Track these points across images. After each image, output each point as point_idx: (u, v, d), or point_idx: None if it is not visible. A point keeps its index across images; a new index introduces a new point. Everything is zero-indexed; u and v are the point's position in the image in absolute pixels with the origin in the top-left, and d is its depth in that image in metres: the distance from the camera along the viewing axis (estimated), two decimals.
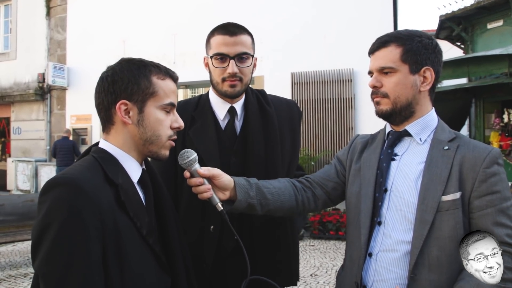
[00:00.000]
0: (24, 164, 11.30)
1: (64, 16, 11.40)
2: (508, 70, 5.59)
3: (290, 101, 1.95)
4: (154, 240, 1.18)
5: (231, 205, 1.46)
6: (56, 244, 0.99)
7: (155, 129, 1.21)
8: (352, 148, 1.60)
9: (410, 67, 1.36)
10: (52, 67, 10.78)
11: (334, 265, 5.66)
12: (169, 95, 1.23)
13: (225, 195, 1.44)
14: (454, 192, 1.28)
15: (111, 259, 1.05)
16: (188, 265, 1.35)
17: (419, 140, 1.39)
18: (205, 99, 1.81)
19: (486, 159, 1.28)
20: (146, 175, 1.27)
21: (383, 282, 1.35)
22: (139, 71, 1.19)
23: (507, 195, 1.28)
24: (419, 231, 1.28)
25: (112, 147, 1.20)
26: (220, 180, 1.42)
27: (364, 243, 1.40)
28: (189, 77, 9.46)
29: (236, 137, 1.76)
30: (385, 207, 1.39)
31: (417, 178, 1.34)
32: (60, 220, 0.99)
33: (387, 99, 1.39)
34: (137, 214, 1.14)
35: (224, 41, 1.66)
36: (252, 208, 1.49)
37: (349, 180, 1.54)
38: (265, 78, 8.34)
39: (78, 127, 10.96)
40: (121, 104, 1.17)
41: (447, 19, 7.48)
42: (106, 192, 1.09)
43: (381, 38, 1.41)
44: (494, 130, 6.50)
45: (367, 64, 1.46)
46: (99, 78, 1.22)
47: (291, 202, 1.54)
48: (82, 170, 1.10)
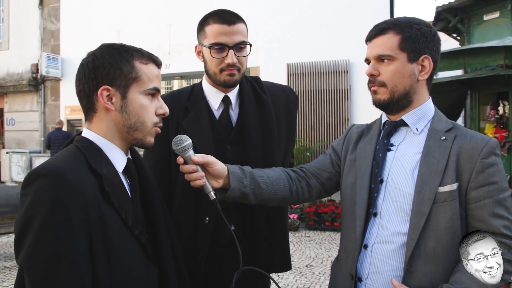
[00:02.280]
0: (18, 155, 11.23)
1: (57, 5, 11.27)
2: (504, 62, 5.59)
3: (285, 87, 1.92)
4: (140, 231, 1.16)
5: (224, 194, 1.44)
6: (41, 237, 0.96)
7: (139, 115, 1.17)
8: (347, 138, 1.58)
9: (408, 56, 1.33)
10: (46, 58, 10.68)
11: (329, 256, 5.69)
12: (152, 80, 1.19)
13: (219, 183, 1.42)
14: (451, 183, 1.26)
15: (97, 251, 1.03)
16: (178, 255, 1.33)
17: (416, 130, 1.37)
18: (199, 89, 1.78)
19: (483, 150, 1.26)
20: (131, 165, 1.23)
21: (378, 274, 1.34)
22: (120, 56, 1.15)
23: (504, 186, 1.27)
24: (416, 222, 1.27)
25: (95, 136, 1.17)
26: (214, 168, 1.40)
27: (359, 234, 1.38)
28: (184, 67, 9.42)
29: (232, 127, 1.74)
30: (380, 198, 1.37)
31: (413, 169, 1.32)
32: (44, 211, 0.96)
33: (384, 88, 1.36)
34: (122, 205, 1.12)
35: (223, 30, 1.61)
36: (246, 197, 1.47)
37: (344, 170, 1.52)
38: (260, 69, 8.30)
39: (72, 118, 10.89)
40: (103, 90, 1.13)
41: (444, 10, 7.47)
42: (90, 183, 1.06)
43: (379, 25, 1.38)
44: (489, 122, 6.52)
45: (363, 55, 1.43)
46: (79, 64, 1.18)
47: (285, 192, 1.52)
48: (65, 160, 1.07)
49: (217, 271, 1.72)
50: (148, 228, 1.25)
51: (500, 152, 1.31)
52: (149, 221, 1.26)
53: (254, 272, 1.75)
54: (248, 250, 1.73)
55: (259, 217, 1.72)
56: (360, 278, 1.38)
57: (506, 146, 6.02)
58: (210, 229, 1.67)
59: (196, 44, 1.73)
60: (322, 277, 4.88)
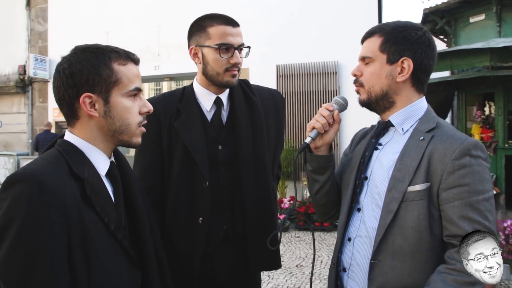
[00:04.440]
0: (5, 158, 11.08)
1: (45, 6, 11.16)
2: (489, 63, 5.67)
3: (272, 90, 1.96)
4: (123, 235, 1.14)
5: (312, 153, 1.54)
6: (18, 243, 0.94)
7: (123, 118, 1.16)
8: (353, 141, 1.65)
9: (387, 57, 1.37)
10: (33, 59, 10.57)
11: (319, 255, 5.72)
12: (133, 80, 1.17)
13: (320, 143, 1.51)
14: (421, 183, 1.28)
15: (77, 256, 1.01)
16: (161, 259, 1.32)
17: (401, 130, 1.40)
18: (190, 91, 1.79)
19: (456, 151, 1.25)
20: (114, 168, 1.22)
21: (357, 266, 1.40)
22: (98, 60, 1.12)
23: (478, 188, 1.24)
24: (384, 219, 1.31)
25: (77, 140, 1.15)
26: (331, 132, 1.50)
27: (341, 227, 1.47)
28: (173, 69, 9.39)
29: (223, 127, 1.76)
30: (363, 194, 1.43)
31: (390, 168, 1.36)
32: (21, 217, 0.94)
33: (363, 88, 1.43)
34: (105, 209, 1.10)
35: (229, 32, 1.67)
36: (319, 171, 1.54)
37: (344, 170, 1.59)
38: (250, 70, 8.31)
39: (61, 120, 10.77)
40: (85, 97, 1.11)
41: (431, 12, 7.53)
42: (70, 187, 1.04)
43: (371, 28, 1.44)
44: (476, 122, 6.60)
45: (352, 56, 1.48)
46: (55, 70, 1.14)
47: (337, 200, 1.60)
48: (44, 164, 1.06)
49: (211, 270, 1.73)
50: (132, 231, 1.23)
51: (482, 152, 1.28)
52: (133, 225, 1.25)
53: (245, 271, 1.79)
54: (240, 250, 1.75)
55: (250, 217, 1.74)
56: (344, 269, 1.45)
57: (492, 146, 6.10)
58: (204, 230, 1.69)
59: (193, 46, 1.73)
60: (313, 277, 4.90)
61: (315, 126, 1.47)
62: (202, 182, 1.68)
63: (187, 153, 1.68)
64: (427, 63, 1.40)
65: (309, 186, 1.60)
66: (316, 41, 8.21)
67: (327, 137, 1.50)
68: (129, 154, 8.70)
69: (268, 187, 1.78)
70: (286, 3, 8.50)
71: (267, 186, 1.78)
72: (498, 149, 6.15)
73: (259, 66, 8.20)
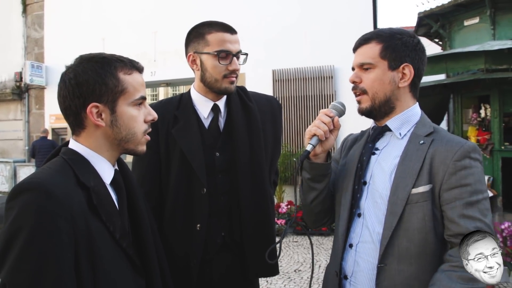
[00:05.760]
0: (2, 165, 11.06)
1: (41, 13, 11.17)
2: (484, 66, 5.71)
3: (269, 97, 1.97)
4: (128, 244, 1.15)
5: (311, 161, 1.49)
6: (25, 252, 0.94)
7: (130, 127, 1.17)
8: (343, 146, 1.65)
9: (389, 64, 1.39)
10: (30, 66, 10.56)
11: (317, 260, 5.71)
12: (138, 89, 1.18)
13: (320, 150, 1.47)
14: (424, 185, 1.30)
15: (84, 265, 1.01)
16: (164, 266, 1.33)
17: (399, 135, 1.42)
18: (187, 98, 1.80)
19: (457, 153, 1.29)
20: (119, 176, 1.23)
21: (361, 273, 1.39)
22: (104, 70, 1.12)
23: (478, 188, 1.28)
24: (389, 222, 1.32)
25: (82, 148, 1.15)
26: (331, 139, 1.46)
27: (342, 234, 1.45)
28: (169, 75, 9.40)
29: (220, 134, 1.77)
30: (363, 199, 1.43)
31: (391, 172, 1.37)
32: (29, 226, 0.94)
33: (366, 95, 1.42)
34: (110, 218, 1.11)
35: (228, 38, 1.68)
36: (318, 179, 1.50)
37: (337, 175, 1.58)
38: (246, 75, 8.33)
39: (57, 126, 10.77)
40: (92, 107, 1.12)
41: (426, 16, 7.59)
42: (77, 196, 1.05)
43: (364, 35, 1.45)
44: (472, 125, 6.63)
45: (348, 60, 1.49)
46: (60, 80, 1.15)
47: (330, 207, 1.58)
48: (51, 173, 1.06)
49: (209, 277, 1.73)
50: (135, 239, 1.24)
51: (479, 155, 1.32)
52: (136, 233, 1.25)
53: (243, 278, 1.79)
54: (237, 256, 1.75)
55: (247, 223, 1.74)
56: (346, 276, 1.43)
57: (488, 148, 6.14)
58: (202, 236, 1.69)
59: (191, 53, 1.73)
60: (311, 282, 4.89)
61: (317, 133, 1.43)
62: (199, 188, 1.68)
63: (184, 159, 1.68)
64: (422, 69, 1.45)
65: (304, 195, 1.56)
66: (312, 46, 8.24)
67: (327, 144, 1.47)
68: (127, 160, 8.68)
69: (265, 194, 1.79)
70: (281, 8, 8.53)
71: (265, 192, 1.78)
72: (494, 151, 6.18)
73: (255, 71, 8.22)
